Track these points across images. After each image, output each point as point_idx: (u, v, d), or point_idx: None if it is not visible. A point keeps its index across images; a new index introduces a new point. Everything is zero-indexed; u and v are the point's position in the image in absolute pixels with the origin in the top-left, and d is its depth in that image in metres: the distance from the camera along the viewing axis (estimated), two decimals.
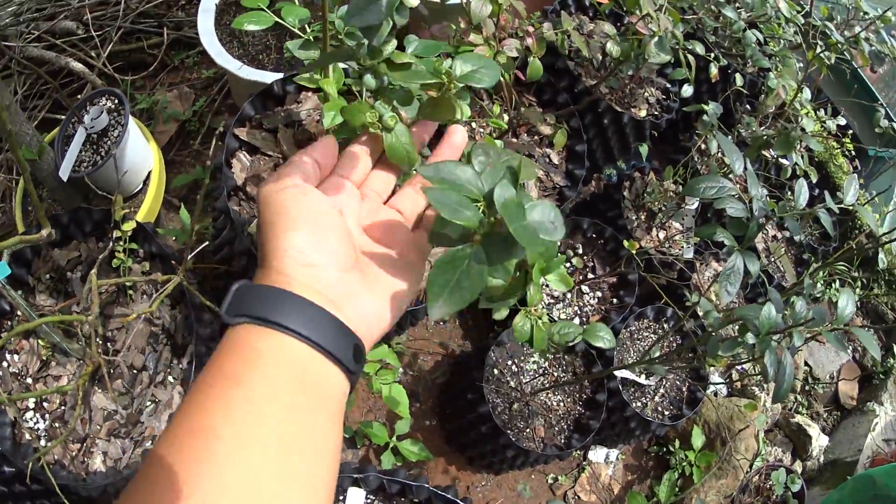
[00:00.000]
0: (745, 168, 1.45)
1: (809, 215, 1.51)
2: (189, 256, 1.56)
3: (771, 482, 2.26)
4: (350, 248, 0.59)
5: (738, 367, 2.47)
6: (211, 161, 2.20)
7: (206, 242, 1.79)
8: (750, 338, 1.30)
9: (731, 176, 2.06)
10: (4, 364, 1.71)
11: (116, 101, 1.95)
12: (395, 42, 0.76)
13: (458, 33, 1.59)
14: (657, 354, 1.64)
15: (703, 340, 1.40)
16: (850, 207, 1.46)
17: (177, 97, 2.32)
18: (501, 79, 1.66)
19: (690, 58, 1.78)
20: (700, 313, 1.46)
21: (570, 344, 1.24)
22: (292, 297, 0.53)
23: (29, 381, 1.71)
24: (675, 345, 2.18)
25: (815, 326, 1.27)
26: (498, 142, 1.36)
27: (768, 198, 2.44)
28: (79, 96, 2.26)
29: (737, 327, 1.30)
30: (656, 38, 1.59)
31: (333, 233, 0.58)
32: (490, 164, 0.61)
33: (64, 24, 2.22)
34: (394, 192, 0.71)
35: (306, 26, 1.30)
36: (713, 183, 1.41)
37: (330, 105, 1.30)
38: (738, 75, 2.23)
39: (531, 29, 1.50)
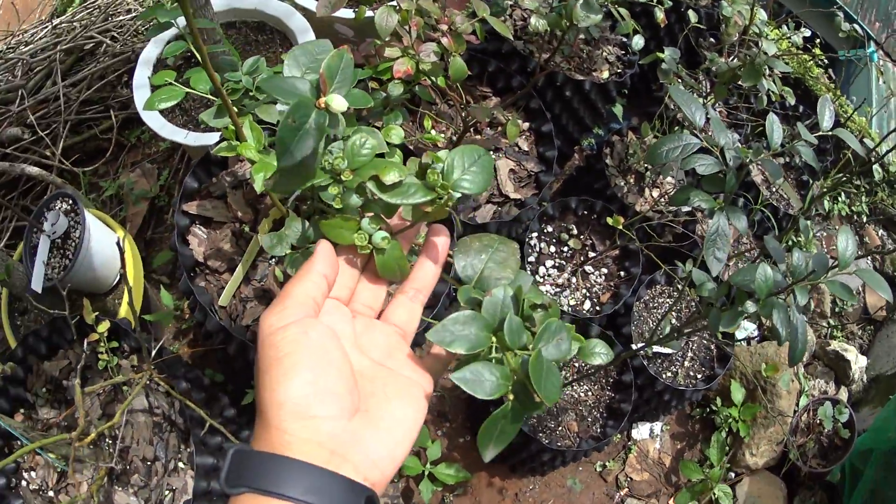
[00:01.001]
0: (708, 117, 1.20)
1: (789, 149, 1.26)
2: (153, 352, 1.36)
3: (819, 418, 2.00)
4: (353, 387, 0.52)
5: None
6: None
7: (168, 339, 1.59)
8: (750, 306, 1.09)
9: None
10: (24, 483, 1.60)
11: (71, 201, 1.75)
12: (373, 142, 0.62)
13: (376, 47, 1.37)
14: (668, 329, 1.40)
15: (705, 314, 1.17)
16: (830, 133, 1.21)
17: (141, 176, 2.11)
18: (446, 79, 1.42)
19: (623, 10, 1.53)
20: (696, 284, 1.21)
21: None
22: (292, 463, 0.48)
23: (51, 493, 1.60)
24: (692, 306, 1.92)
25: (818, 277, 1.06)
26: (444, 152, 1.13)
27: (746, 139, 2.17)
28: (46, 196, 2.07)
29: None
30: (581, 1, 1.34)
31: (336, 374, 0.51)
32: (473, 266, 0.63)
33: (8, 131, 2.03)
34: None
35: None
36: (675, 143, 1.19)
37: (258, 167, 1.09)
38: (690, 12, 1.96)
39: (444, 27, 1.25)
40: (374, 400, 0.53)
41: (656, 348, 1.85)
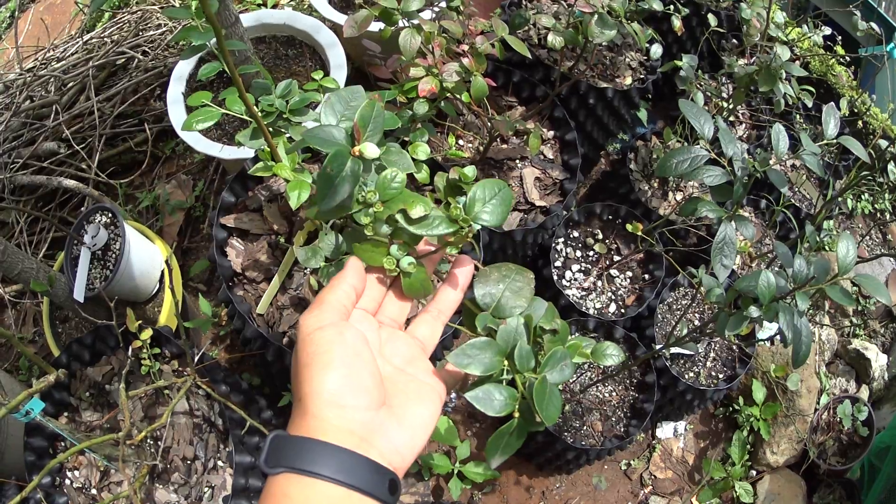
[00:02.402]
0: (717, 129, 1.27)
1: (797, 157, 1.33)
2: (195, 358, 1.46)
3: (839, 416, 2.07)
4: (380, 383, 0.60)
5: None
6: None
7: (206, 345, 1.68)
8: (753, 311, 1.16)
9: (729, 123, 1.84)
10: (67, 482, 1.69)
11: (110, 214, 1.84)
12: (402, 177, 0.70)
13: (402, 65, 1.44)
14: (685, 332, 1.47)
15: (715, 317, 1.24)
16: (834, 141, 1.28)
17: (176, 187, 2.20)
18: (470, 96, 1.49)
19: (636, 27, 1.59)
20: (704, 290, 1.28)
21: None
22: (325, 446, 0.54)
23: (94, 492, 1.70)
24: (714, 308, 1.98)
25: (818, 283, 1.12)
26: (470, 168, 1.20)
27: (769, 141, 2.22)
28: (82, 208, 2.16)
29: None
30: (596, 17, 1.40)
31: (366, 371, 0.59)
32: (492, 294, 0.69)
33: (45, 145, 2.12)
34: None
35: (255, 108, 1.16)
36: (684, 156, 1.25)
37: (293, 185, 1.17)
38: (710, 15, 2.01)
39: (465, 47, 1.32)
40: (396, 399, 0.61)
41: (677, 349, 1.92)
